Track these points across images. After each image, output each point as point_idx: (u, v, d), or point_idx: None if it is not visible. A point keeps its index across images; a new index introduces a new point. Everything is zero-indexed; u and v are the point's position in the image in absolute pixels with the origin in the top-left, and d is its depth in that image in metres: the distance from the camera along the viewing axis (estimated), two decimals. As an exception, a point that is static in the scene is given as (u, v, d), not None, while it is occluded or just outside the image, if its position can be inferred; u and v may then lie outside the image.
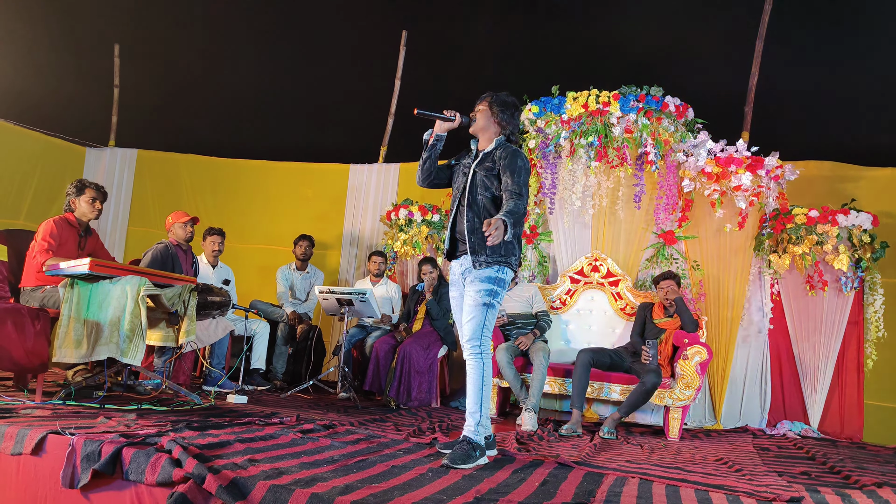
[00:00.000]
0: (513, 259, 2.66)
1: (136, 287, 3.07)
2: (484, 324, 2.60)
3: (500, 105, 2.76)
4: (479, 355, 2.60)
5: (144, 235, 6.75)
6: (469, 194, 2.72)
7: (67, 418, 2.57)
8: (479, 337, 2.60)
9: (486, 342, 2.61)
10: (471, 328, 2.61)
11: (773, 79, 5.56)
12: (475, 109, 2.82)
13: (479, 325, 2.60)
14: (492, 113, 2.76)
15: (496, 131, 2.78)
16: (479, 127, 2.79)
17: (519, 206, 2.55)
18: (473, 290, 2.63)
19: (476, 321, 2.60)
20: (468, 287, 2.67)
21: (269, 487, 1.82)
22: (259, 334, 4.86)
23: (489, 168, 2.70)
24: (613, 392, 4.18)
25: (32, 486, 2.12)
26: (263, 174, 6.81)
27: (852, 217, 4.50)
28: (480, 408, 2.59)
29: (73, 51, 7.11)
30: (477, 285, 2.62)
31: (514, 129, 2.81)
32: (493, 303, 2.61)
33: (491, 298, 2.61)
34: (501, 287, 2.64)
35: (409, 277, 5.67)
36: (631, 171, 4.82)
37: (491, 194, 2.69)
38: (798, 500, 2.30)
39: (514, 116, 2.79)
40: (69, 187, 3.63)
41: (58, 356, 2.97)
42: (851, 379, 4.61)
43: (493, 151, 2.74)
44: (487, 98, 2.79)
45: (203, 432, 2.51)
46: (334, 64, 7.47)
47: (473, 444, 2.52)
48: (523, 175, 2.63)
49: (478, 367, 2.61)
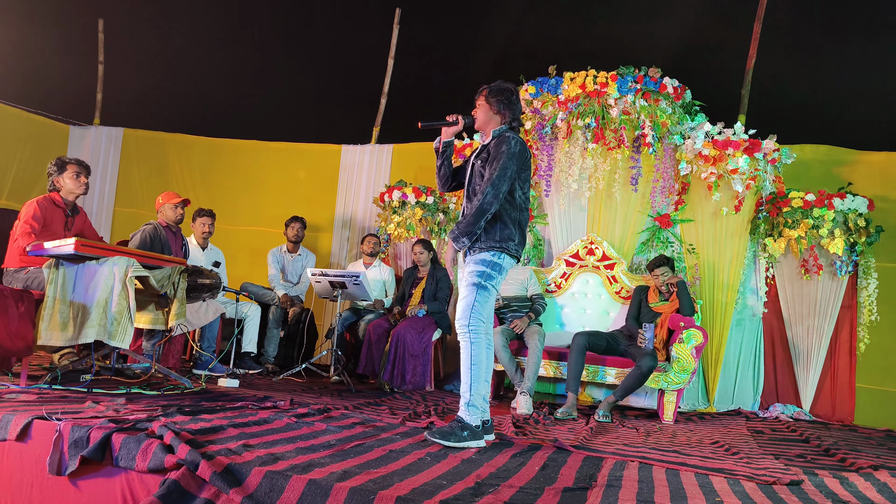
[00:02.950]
0: (510, 245, 2.63)
1: (123, 268, 2.99)
2: (473, 304, 2.58)
3: (496, 95, 2.73)
4: (467, 335, 2.59)
5: (131, 216, 6.62)
6: (468, 186, 2.74)
7: (54, 403, 2.50)
8: (468, 317, 2.58)
9: (477, 323, 2.58)
10: (461, 308, 2.62)
11: (770, 61, 5.51)
12: (475, 106, 2.80)
13: (468, 306, 2.59)
14: (489, 106, 2.74)
15: (497, 122, 2.75)
16: (481, 122, 2.77)
17: (475, 204, 2.56)
18: (467, 272, 2.64)
19: (466, 301, 2.60)
20: (465, 268, 2.67)
21: (266, 474, 1.77)
22: (250, 317, 4.79)
23: (484, 159, 2.70)
24: (609, 375, 4.16)
25: (18, 474, 2.05)
26: (254, 154, 6.67)
27: (848, 201, 4.49)
28: (470, 389, 2.57)
29: (57, 26, 6.89)
30: (471, 266, 2.63)
31: (514, 116, 2.77)
32: (484, 284, 2.59)
33: (482, 280, 2.59)
34: (496, 271, 2.62)
35: (402, 260, 5.61)
36: (628, 154, 4.76)
37: None
38: (798, 482, 2.29)
39: (512, 103, 2.75)
40: (50, 166, 3.51)
41: (43, 339, 2.89)
42: (844, 362, 4.64)
43: (490, 142, 2.73)
44: (483, 92, 2.77)
45: (195, 417, 2.45)
46: (326, 42, 7.32)
47: (463, 423, 2.53)
48: (503, 160, 2.59)
49: (466, 347, 2.60)
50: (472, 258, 2.64)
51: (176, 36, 7.28)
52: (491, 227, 2.63)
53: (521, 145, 2.66)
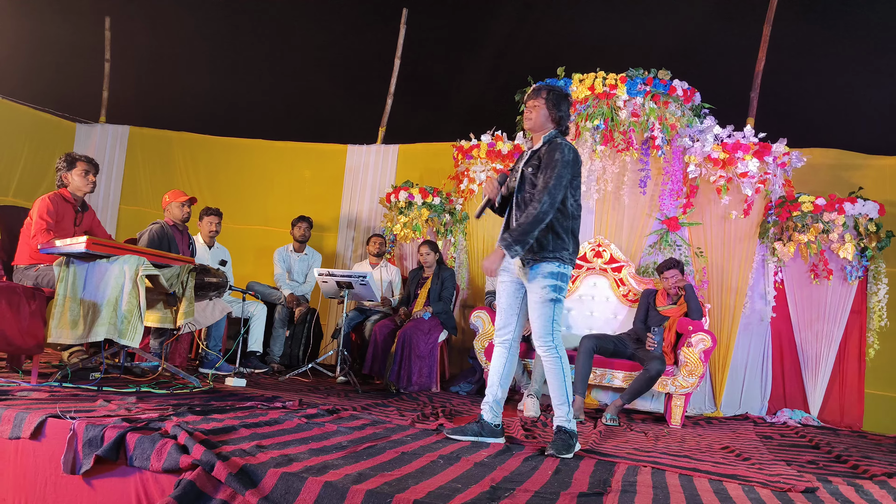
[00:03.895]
0: (564, 254, 2.63)
1: (134, 267, 2.98)
2: (553, 318, 2.63)
3: (556, 100, 2.67)
4: (554, 349, 2.64)
5: (137, 214, 6.62)
6: (517, 194, 2.68)
7: (65, 401, 2.49)
8: (550, 332, 2.63)
9: (558, 335, 2.65)
10: (540, 325, 2.63)
11: (779, 64, 5.49)
12: (527, 106, 2.72)
13: (548, 321, 2.62)
14: (548, 109, 2.67)
15: (551, 127, 2.71)
16: (535, 124, 2.70)
17: (530, 213, 2.55)
18: (538, 288, 2.62)
19: (545, 317, 2.62)
20: (530, 286, 2.66)
21: (281, 475, 1.76)
22: (256, 316, 4.78)
23: (535, 166, 2.65)
24: (616, 379, 4.15)
25: (32, 472, 2.04)
26: (259, 153, 6.66)
27: (859, 206, 4.48)
28: (567, 398, 2.64)
29: (63, 24, 6.89)
30: (540, 282, 2.62)
31: (566, 125, 2.74)
32: (558, 298, 2.63)
33: (556, 294, 2.62)
34: (564, 281, 2.65)
35: (408, 261, 5.59)
36: (637, 156, 4.75)
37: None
38: (813, 490, 2.27)
39: (568, 113, 2.73)
40: (59, 162, 3.50)
41: (53, 337, 2.88)
42: (853, 368, 4.61)
43: (541, 148, 2.68)
44: (544, 93, 2.69)
45: (206, 417, 2.44)
46: (333, 42, 7.31)
47: (570, 432, 2.59)
48: (558, 168, 2.57)
49: (555, 361, 2.64)
50: (536, 272, 2.62)
51: (182, 34, 7.27)
52: (545, 237, 2.60)
53: (574, 153, 2.65)
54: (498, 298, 2.83)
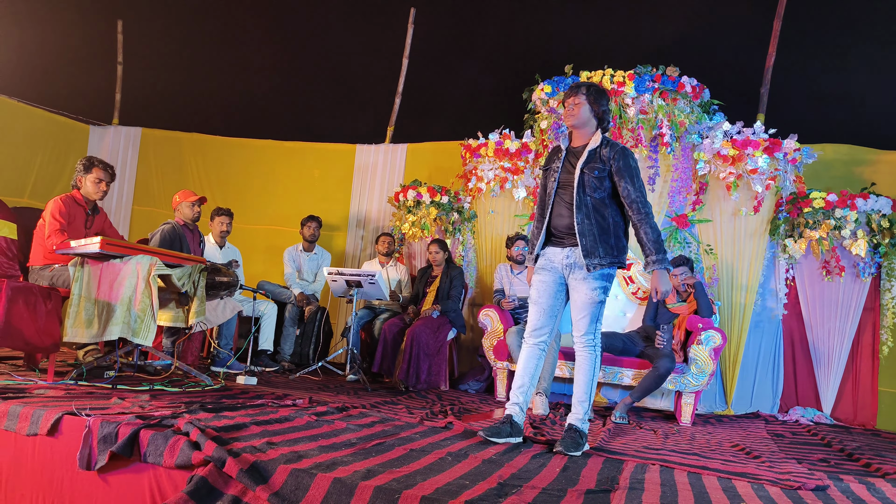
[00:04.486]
0: (623, 257, 2.69)
1: (146, 267, 3.02)
2: (598, 318, 2.69)
3: (599, 97, 2.67)
4: (594, 347, 2.69)
5: (149, 215, 6.69)
6: (577, 195, 2.64)
7: (81, 399, 2.54)
8: (594, 331, 2.69)
9: (599, 333, 2.71)
10: (585, 324, 2.67)
11: (790, 60, 5.45)
12: (567, 104, 2.71)
13: (593, 320, 2.68)
14: (591, 106, 2.67)
15: (594, 126, 2.71)
16: (579, 121, 2.69)
17: (654, 224, 2.62)
18: (588, 288, 2.65)
19: (591, 317, 2.68)
20: (579, 284, 2.67)
21: (291, 471, 1.79)
22: (267, 315, 4.83)
23: (600, 169, 2.62)
24: (625, 377, 4.14)
25: (49, 468, 2.08)
26: (269, 154, 6.72)
27: (871, 201, 4.43)
28: (589, 398, 2.69)
29: (76, 27, 6.98)
30: (591, 283, 2.65)
31: (608, 121, 2.75)
32: (605, 299, 2.70)
33: (605, 295, 2.69)
34: (611, 282, 2.72)
35: (417, 260, 5.61)
36: (646, 153, 4.74)
37: (600, 195, 2.64)
38: (823, 488, 2.27)
39: (609, 109, 2.74)
40: (78, 163, 3.56)
41: (69, 336, 2.93)
42: (866, 365, 4.57)
43: (600, 150, 2.65)
44: (584, 90, 2.68)
45: (218, 414, 2.47)
46: (341, 41, 7.34)
47: (580, 431, 2.63)
48: (639, 176, 2.65)
49: (591, 358, 2.69)
50: (591, 275, 2.64)
51: (192, 37, 7.34)
52: (607, 240, 2.62)
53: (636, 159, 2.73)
54: (536, 297, 2.76)
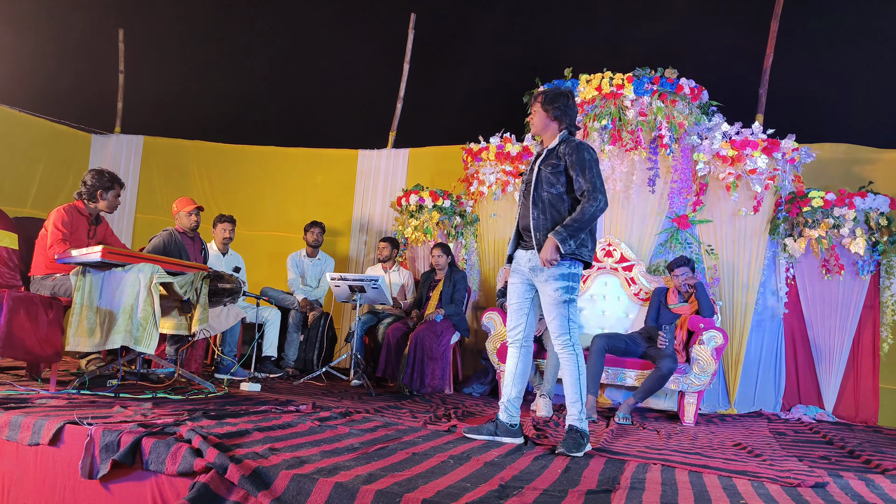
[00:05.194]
0: (584, 251, 2.69)
1: (148, 275, 3.04)
2: (569, 318, 2.69)
3: (552, 102, 2.77)
4: (571, 347, 2.70)
5: (151, 223, 6.72)
6: (534, 191, 2.74)
7: (83, 408, 2.56)
8: (568, 331, 2.69)
9: (575, 334, 2.71)
10: (557, 325, 2.69)
11: (787, 60, 5.46)
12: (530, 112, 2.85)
13: (564, 320, 2.69)
14: (546, 113, 2.78)
15: (556, 128, 2.79)
16: (537, 129, 2.82)
17: (587, 210, 2.61)
18: (551, 290, 2.68)
19: (561, 317, 2.69)
20: (543, 286, 2.71)
21: (293, 477, 1.80)
22: (270, 321, 4.84)
23: (554, 165, 2.71)
24: (628, 378, 4.15)
25: (51, 477, 2.10)
26: (271, 160, 6.75)
27: (869, 200, 4.44)
28: (581, 396, 2.69)
29: (78, 36, 7.03)
30: (552, 284, 2.68)
31: (571, 121, 2.80)
32: (571, 298, 2.70)
33: (569, 294, 2.69)
34: (575, 281, 2.71)
35: (419, 264, 5.63)
36: (645, 155, 4.75)
37: (557, 191, 2.69)
38: (823, 485, 2.27)
39: (568, 107, 2.79)
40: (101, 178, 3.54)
41: (71, 345, 2.95)
42: (867, 363, 4.57)
43: (558, 147, 2.75)
44: (539, 98, 2.81)
45: (220, 421, 2.49)
46: (342, 47, 7.38)
47: (581, 431, 2.63)
48: (594, 168, 2.66)
49: (572, 359, 2.70)
50: (548, 274, 2.66)
51: (193, 45, 7.38)
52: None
53: (594, 152, 2.74)
54: (508, 299, 2.88)
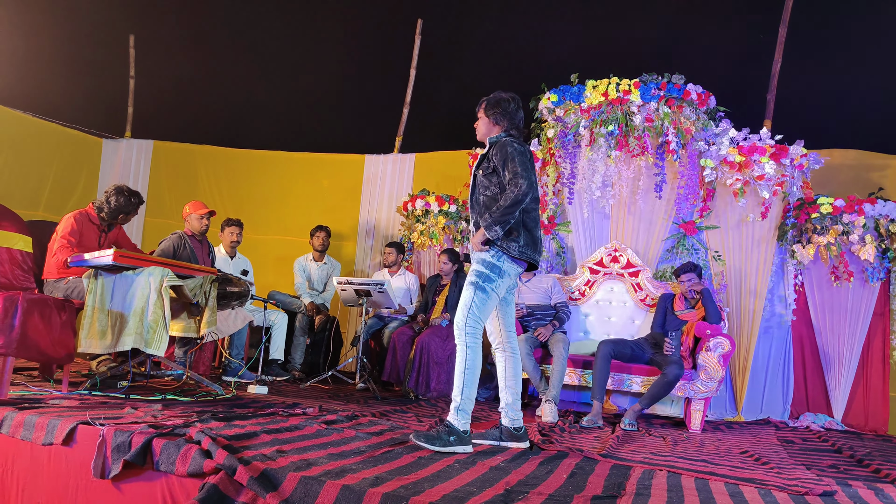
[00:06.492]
0: (512, 246, 2.63)
1: (158, 278, 3.08)
2: (471, 305, 2.58)
3: (493, 108, 2.79)
4: (463, 336, 2.58)
5: (161, 226, 6.78)
6: (472, 196, 2.80)
7: (95, 409, 2.59)
8: (465, 317, 2.58)
9: (474, 325, 2.57)
10: (459, 308, 2.63)
11: (796, 65, 5.45)
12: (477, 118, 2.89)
13: (465, 305, 2.60)
14: (487, 118, 2.81)
15: (498, 132, 2.81)
16: (482, 134, 2.85)
17: (509, 195, 2.57)
18: (470, 271, 2.68)
19: (463, 301, 2.61)
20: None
21: (300, 479, 1.82)
22: (277, 325, 4.87)
23: (486, 168, 2.74)
24: (634, 384, 4.14)
25: (64, 476, 2.13)
26: (279, 165, 6.80)
27: (879, 206, 4.42)
28: (460, 391, 2.57)
29: (89, 42, 7.12)
30: (472, 267, 2.68)
31: (513, 125, 2.79)
32: (482, 285, 2.59)
33: (480, 280, 2.60)
34: (496, 273, 2.61)
35: (425, 268, 5.65)
36: (652, 161, 4.75)
37: (491, 192, 2.70)
38: (831, 493, 2.26)
39: (509, 112, 2.77)
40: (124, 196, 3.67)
41: (83, 347, 2.99)
42: (876, 371, 4.55)
43: (489, 150, 2.78)
44: (482, 104, 2.84)
45: (229, 423, 2.52)
46: (349, 53, 7.43)
47: (451, 428, 2.52)
48: (516, 157, 2.61)
49: (461, 349, 2.60)
50: (474, 257, 2.68)
51: (203, 50, 7.45)
52: None
53: (523, 146, 2.70)
54: None
